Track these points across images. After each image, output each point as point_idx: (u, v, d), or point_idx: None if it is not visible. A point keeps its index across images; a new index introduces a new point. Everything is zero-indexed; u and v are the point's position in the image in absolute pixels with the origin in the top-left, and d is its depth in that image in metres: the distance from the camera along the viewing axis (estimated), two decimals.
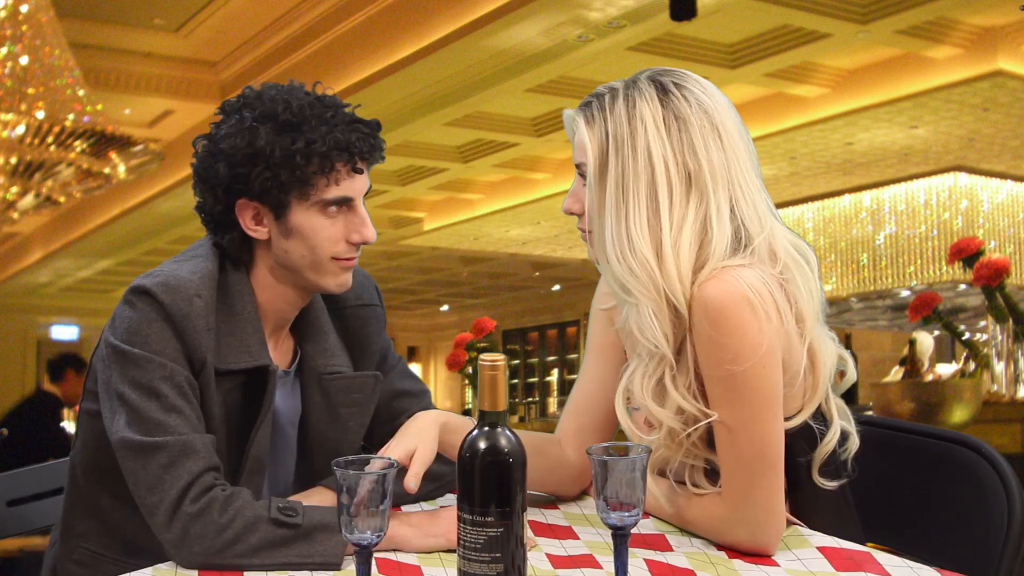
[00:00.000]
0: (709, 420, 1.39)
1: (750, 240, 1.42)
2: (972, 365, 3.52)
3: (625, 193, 1.42)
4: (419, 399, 1.79)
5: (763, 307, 1.37)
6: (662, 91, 1.44)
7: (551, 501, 1.62)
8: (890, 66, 8.50)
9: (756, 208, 1.45)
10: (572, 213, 1.52)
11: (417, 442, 1.44)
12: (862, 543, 1.52)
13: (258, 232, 1.59)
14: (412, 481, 1.40)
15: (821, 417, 1.47)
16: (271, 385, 1.58)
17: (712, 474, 1.46)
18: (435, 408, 1.78)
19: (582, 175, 1.48)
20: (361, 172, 1.57)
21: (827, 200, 11.50)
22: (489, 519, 1.16)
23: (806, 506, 1.49)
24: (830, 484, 1.47)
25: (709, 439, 1.44)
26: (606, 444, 1.24)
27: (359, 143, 1.55)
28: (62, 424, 6.79)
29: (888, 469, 1.70)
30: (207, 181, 1.58)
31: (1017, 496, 1.50)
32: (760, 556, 1.40)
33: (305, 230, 1.56)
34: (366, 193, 1.61)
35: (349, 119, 1.57)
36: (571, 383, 1.82)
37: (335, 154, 1.54)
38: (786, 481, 1.42)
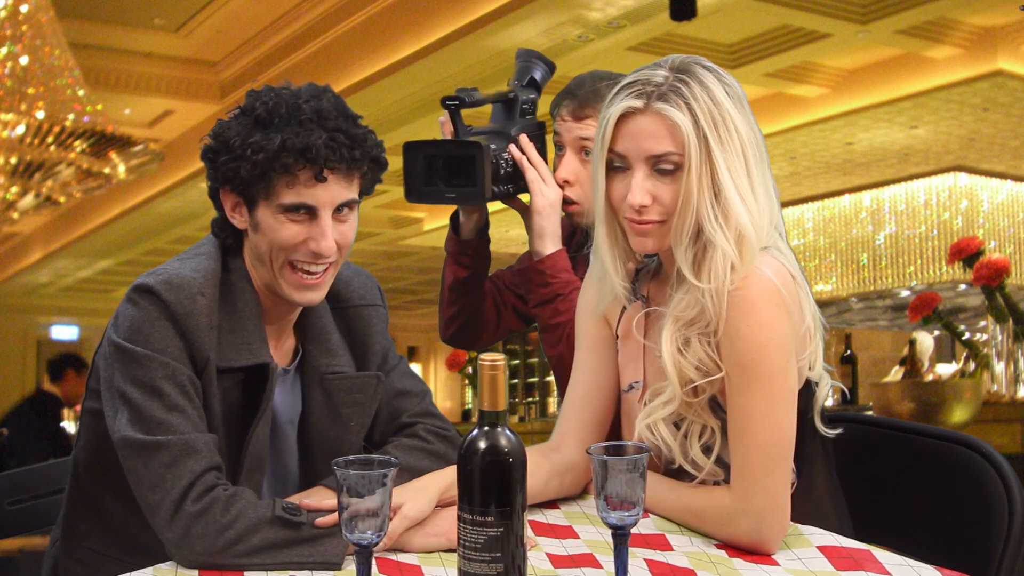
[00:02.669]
0: (721, 375, 1.45)
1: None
2: (972, 365, 3.52)
3: (734, 173, 1.45)
4: (420, 399, 1.79)
5: (789, 302, 1.44)
6: (714, 73, 1.48)
7: (551, 500, 1.62)
8: (890, 66, 8.51)
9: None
10: (644, 206, 1.48)
11: (409, 499, 1.44)
12: (843, 502, 1.58)
13: (235, 220, 1.60)
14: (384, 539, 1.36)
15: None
16: (270, 383, 1.58)
17: (709, 453, 1.49)
18: (434, 407, 1.78)
19: (659, 169, 1.46)
20: (325, 180, 1.52)
21: (827, 200, 11.50)
22: (489, 519, 1.16)
23: (806, 460, 1.54)
24: (832, 432, 1.54)
25: (711, 406, 1.49)
26: (606, 444, 1.24)
27: (324, 151, 1.50)
28: (62, 424, 6.79)
29: (888, 469, 1.71)
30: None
31: (1018, 496, 1.50)
32: (760, 554, 1.39)
33: (264, 228, 1.56)
34: (344, 205, 1.56)
35: (332, 127, 1.52)
36: None
37: (289, 156, 1.50)
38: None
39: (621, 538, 1.21)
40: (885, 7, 7.30)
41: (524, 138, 1.98)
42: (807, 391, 1.50)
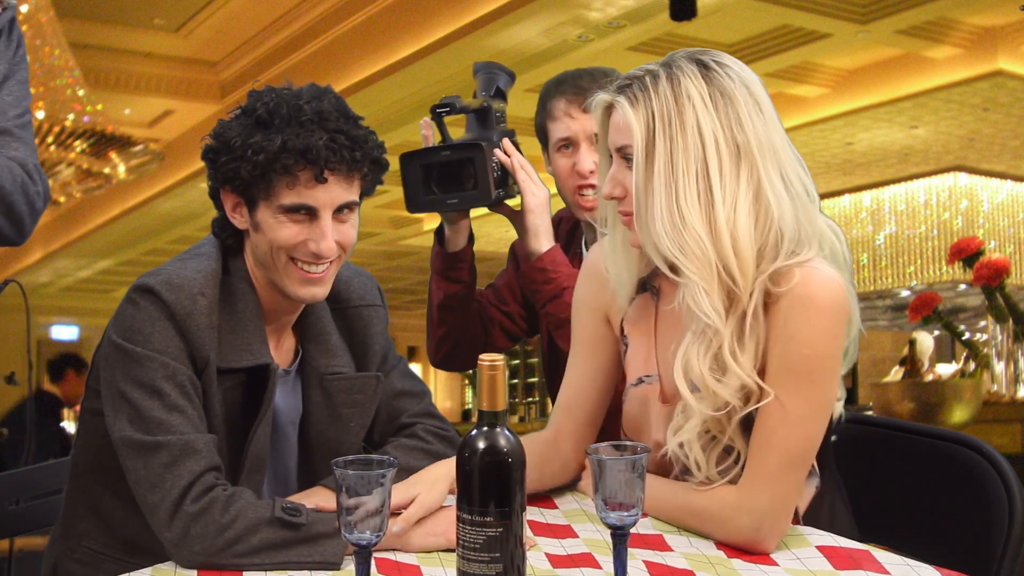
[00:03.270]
0: (767, 400, 1.39)
1: (809, 225, 1.45)
2: (972, 365, 3.52)
3: (675, 170, 1.42)
4: (419, 399, 1.79)
5: (850, 313, 1.42)
6: (704, 68, 1.45)
7: (550, 500, 1.62)
8: (890, 66, 8.51)
9: (803, 182, 1.47)
10: (613, 197, 1.50)
11: (424, 489, 1.46)
12: (846, 504, 1.56)
13: (236, 220, 1.60)
14: (398, 525, 1.40)
15: None
16: (271, 384, 1.58)
17: (725, 473, 1.45)
18: (434, 408, 1.78)
19: (625, 158, 1.47)
20: (325, 182, 1.52)
21: (827, 200, 11.49)
22: (488, 519, 1.16)
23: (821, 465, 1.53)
24: (830, 438, 1.52)
25: (743, 427, 1.44)
26: (605, 444, 1.23)
27: (325, 152, 1.50)
28: (62, 424, 6.78)
29: (888, 469, 1.70)
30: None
31: (1018, 496, 1.50)
32: (756, 554, 1.39)
33: (265, 228, 1.56)
34: (344, 206, 1.56)
35: (333, 128, 1.52)
36: None
37: (290, 157, 1.50)
38: None
39: (620, 538, 1.20)
40: (885, 7, 7.30)
41: (507, 142, 1.99)
42: None
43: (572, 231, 2.22)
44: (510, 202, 2.02)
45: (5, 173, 1.75)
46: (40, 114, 6.82)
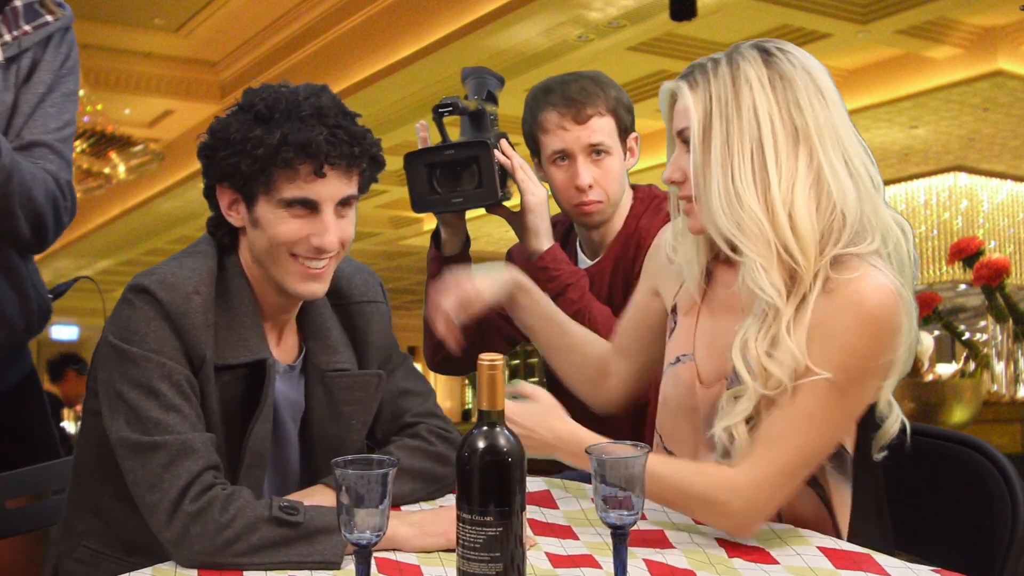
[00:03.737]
0: (821, 376, 1.38)
1: (873, 214, 1.45)
2: (972, 365, 3.52)
3: (730, 150, 1.43)
4: (423, 399, 1.78)
5: (902, 330, 1.39)
6: (765, 53, 1.46)
7: (551, 499, 1.62)
8: (890, 66, 8.52)
9: (868, 170, 1.47)
10: (673, 182, 1.52)
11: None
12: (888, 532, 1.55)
13: (232, 218, 1.59)
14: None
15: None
16: (268, 379, 1.58)
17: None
18: (438, 408, 1.78)
19: (684, 141, 1.49)
20: (324, 176, 1.52)
21: None
22: (488, 518, 1.16)
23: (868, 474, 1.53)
24: (879, 455, 1.52)
25: None
26: (606, 443, 1.23)
27: (325, 146, 1.50)
28: (62, 424, 6.78)
29: (889, 469, 1.70)
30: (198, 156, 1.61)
31: (1020, 497, 1.49)
32: (740, 542, 1.40)
33: (264, 223, 1.55)
34: (344, 200, 1.56)
35: (332, 123, 1.52)
36: None
37: (290, 151, 1.50)
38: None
39: (620, 538, 1.20)
40: (885, 7, 7.31)
41: (505, 144, 2.00)
42: (873, 421, 1.48)
43: (567, 234, 2.22)
44: (507, 203, 2.02)
45: (39, 185, 1.79)
46: None
